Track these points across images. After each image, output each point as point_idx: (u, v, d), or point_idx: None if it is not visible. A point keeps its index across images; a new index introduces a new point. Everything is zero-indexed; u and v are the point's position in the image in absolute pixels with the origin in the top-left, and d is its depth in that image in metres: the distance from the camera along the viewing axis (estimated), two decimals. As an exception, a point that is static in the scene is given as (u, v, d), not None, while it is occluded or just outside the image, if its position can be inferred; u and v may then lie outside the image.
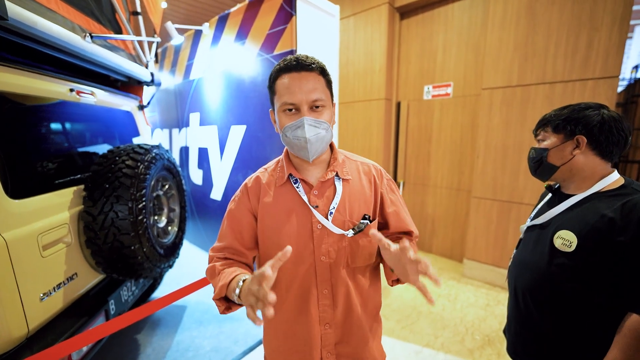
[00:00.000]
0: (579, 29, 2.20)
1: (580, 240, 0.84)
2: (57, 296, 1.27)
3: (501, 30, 2.53)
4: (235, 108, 2.64)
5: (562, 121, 0.91)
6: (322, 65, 0.78)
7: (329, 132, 0.78)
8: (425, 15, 3.24)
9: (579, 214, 0.88)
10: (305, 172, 0.84)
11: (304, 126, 0.74)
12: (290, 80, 0.75)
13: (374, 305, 0.90)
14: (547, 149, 0.94)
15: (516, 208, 2.61)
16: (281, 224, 0.82)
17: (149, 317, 2.36)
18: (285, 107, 0.76)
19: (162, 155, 1.74)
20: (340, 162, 0.85)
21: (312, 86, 0.74)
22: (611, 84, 2.14)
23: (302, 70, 0.74)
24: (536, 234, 0.99)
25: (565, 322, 0.88)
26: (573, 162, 0.91)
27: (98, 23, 1.68)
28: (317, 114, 0.76)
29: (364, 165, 0.89)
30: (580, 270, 0.84)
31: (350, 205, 0.82)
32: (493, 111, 2.64)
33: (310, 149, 0.76)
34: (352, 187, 0.84)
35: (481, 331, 2.20)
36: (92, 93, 1.69)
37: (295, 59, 0.75)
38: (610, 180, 0.88)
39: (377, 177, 0.88)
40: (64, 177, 1.42)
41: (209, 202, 3.16)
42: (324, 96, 0.76)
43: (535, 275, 0.94)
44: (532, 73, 2.42)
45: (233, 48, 2.54)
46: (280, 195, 0.84)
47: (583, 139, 0.88)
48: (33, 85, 1.29)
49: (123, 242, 1.41)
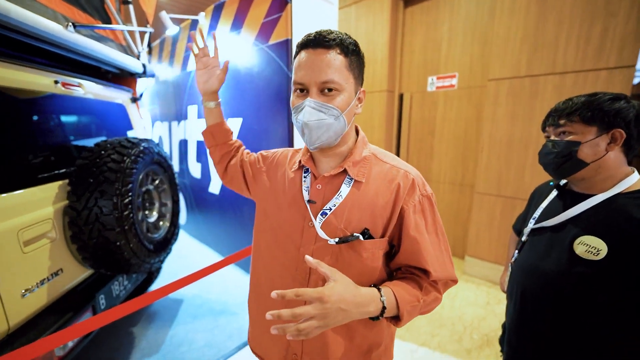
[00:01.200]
0: (594, 15, 2.05)
1: (611, 248, 0.75)
2: (41, 292, 1.26)
3: (510, 19, 2.39)
4: (231, 100, 2.58)
5: (599, 111, 0.79)
6: (347, 42, 0.66)
7: (339, 120, 0.67)
8: (430, 2, 3.10)
9: (605, 217, 0.79)
10: (317, 164, 0.77)
11: (305, 108, 0.65)
12: (303, 57, 0.66)
13: (363, 340, 0.75)
14: (579, 143, 0.82)
15: (521, 205, 2.51)
16: (280, 206, 0.78)
17: (145, 310, 2.37)
18: (295, 86, 0.68)
19: (151, 149, 1.70)
20: (358, 159, 0.73)
21: (325, 65, 0.64)
22: (627, 74, 2.00)
23: (318, 47, 0.64)
24: (547, 238, 0.89)
25: (582, 334, 0.80)
26: (605, 159, 0.80)
27: (83, 12, 1.63)
28: (328, 99, 0.66)
29: (392, 169, 0.73)
30: (609, 281, 0.75)
31: (351, 213, 0.69)
32: (499, 103, 2.52)
33: (309, 135, 0.67)
34: (363, 193, 0.71)
35: (480, 330, 2.14)
36: (79, 85, 1.65)
37: (316, 32, 0.65)
38: (633, 180, 0.79)
39: (404, 188, 0.70)
40: (48, 171, 1.40)
41: (207, 195, 3.14)
42: (338, 78, 0.65)
43: (549, 282, 0.85)
44: (541, 63, 2.29)
45: (229, 38, 2.48)
46: (292, 179, 0.79)
47: (622, 134, 0.78)
48: (12, 77, 1.25)
49: (108, 238, 1.39)
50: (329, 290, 0.56)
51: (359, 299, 0.60)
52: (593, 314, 0.78)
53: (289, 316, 0.53)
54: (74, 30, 1.43)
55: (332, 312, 0.55)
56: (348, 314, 0.58)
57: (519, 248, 1.01)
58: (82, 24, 1.52)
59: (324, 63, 0.64)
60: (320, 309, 0.54)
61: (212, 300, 2.50)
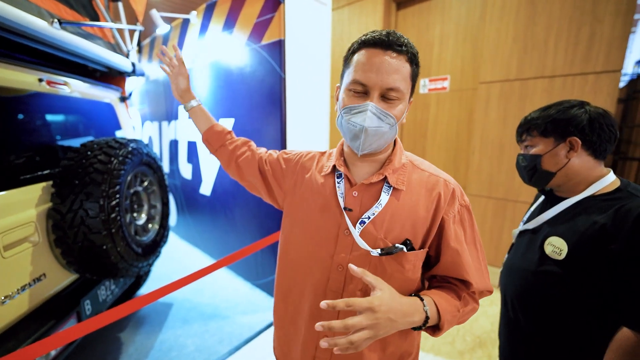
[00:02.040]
0: (581, 20, 2.10)
1: (570, 248, 0.79)
2: (22, 299, 1.20)
3: (500, 22, 2.42)
4: (223, 100, 2.55)
5: (550, 123, 0.85)
6: (414, 51, 0.64)
7: (393, 129, 0.65)
8: (422, 5, 3.12)
9: (570, 219, 0.83)
10: (353, 168, 0.73)
11: (366, 112, 0.61)
12: (370, 57, 0.61)
13: (396, 349, 0.73)
14: (540, 155, 0.87)
15: (511, 206, 2.54)
16: (311, 213, 0.73)
17: (134, 315, 2.31)
18: (353, 85, 0.63)
19: (140, 149, 1.65)
20: (397, 167, 0.70)
21: (393, 71, 0.60)
22: (613, 78, 2.05)
23: (389, 50, 0.61)
24: (527, 239, 0.94)
25: (553, 330, 0.85)
26: (569, 166, 0.84)
27: (70, 9, 1.58)
28: (388, 106, 0.63)
29: (431, 178, 0.70)
30: (571, 279, 0.79)
31: (392, 222, 0.67)
32: (490, 106, 2.55)
33: (364, 140, 0.63)
34: (403, 202, 0.68)
35: (472, 332, 2.15)
36: (65, 83, 1.60)
37: (387, 33, 0.62)
38: (605, 183, 0.82)
39: (445, 197, 0.68)
40: (31, 172, 1.34)
41: (198, 196, 3.09)
42: (403, 87, 0.62)
43: (523, 281, 0.90)
44: (531, 66, 2.33)
45: (221, 38, 2.44)
46: (322, 184, 0.74)
47: (577, 141, 0.82)
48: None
49: (94, 242, 1.34)
50: (378, 300, 0.55)
51: (405, 308, 0.59)
52: (562, 310, 0.82)
53: (341, 327, 0.50)
54: (60, 27, 1.38)
55: (382, 322, 0.54)
56: (396, 324, 0.56)
57: (509, 249, 1.05)
58: (69, 21, 1.47)
59: (393, 68, 0.61)
60: (372, 319, 0.53)
61: (202, 304, 2.45)
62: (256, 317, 2.28)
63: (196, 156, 2.98)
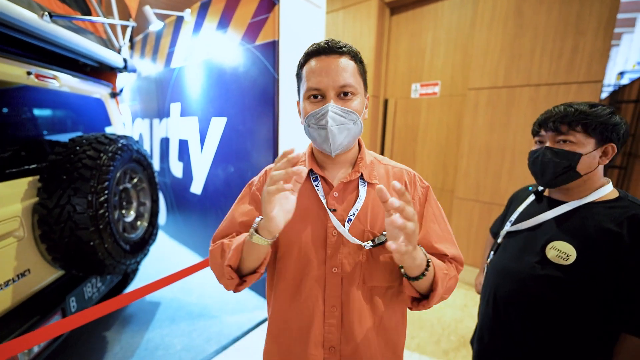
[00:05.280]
0: (566, 31, 2.18)
1: (580, 254, 0.77)
2: (5, 294, 1.18)
3: (489, 30, 2.49)
4: (216, 99, 2.55)
5: (601, 124, 0.78)
6: (356, 51, 0.70)
7: (357, 124, 0.69)
8: (415, 11, 3.19)
9: (577, 224, 0.81)
10: (328, 170, 0.76)
11: (328, 113, 0.65)
12: (317, 64, 0.67)
13: (395, 343, 0.76)
14: (581, 154, 0.80)
15: (497, 210, 2.61)
16: (293, 223, 0.70)
17: (120, 314, 2.28)
18: (309, 93, 0.68)
19: (130, 146, 1.64)
20: (368, 164, 0.76)
21: (341, 70, 0.66)
22: (594, 88, 2.14)
23: (332, 54, 0.67)
24: (521, 240, 0.92)
25: (549, 334, 0.83)
26: (594, 171, 0.81)
27: (61, 2, 1.56)
28: (345, 103, 0.67)
29: (395, 169, 0.78)
30: (575, 285, 0.77)
31: (374, 213, 0.72)
32: (478, 112, 2.62)
33: (333, 141, 0.67)
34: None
35: (457, 332, 2.20)
36: (54, 77, 1.58)
37: (325, 41, 0.68)
38: (607, 191, 0.82)
39: (410, 184, 0.76)
40: (17, 166, 1.32)
41: (189, 195, 3.07)
42: (354, 82, 0.67)
43: (520, 284, 0.87)
44: (517, 75, 2.41)
45: (215, 37, 2.45)
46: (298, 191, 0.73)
47: (614, 148, 0.80)
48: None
49: (81, 238, 1.33)
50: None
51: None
52: (561, 316, 0.80)
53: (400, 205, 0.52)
54: (50, 20, 1.37)
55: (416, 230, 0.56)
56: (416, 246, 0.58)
57: (494, 249, 1.03)
58: (59, 14, 1.46)
59: (340, 67, 0.66)
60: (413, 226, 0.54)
61: (190, 303, 2.44)
62: (244, 317, 2.27)
63: (187, 154, 2.96)
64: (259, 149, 2.24)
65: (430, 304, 0.68)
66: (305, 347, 0.72)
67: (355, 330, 0.71)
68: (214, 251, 0.75)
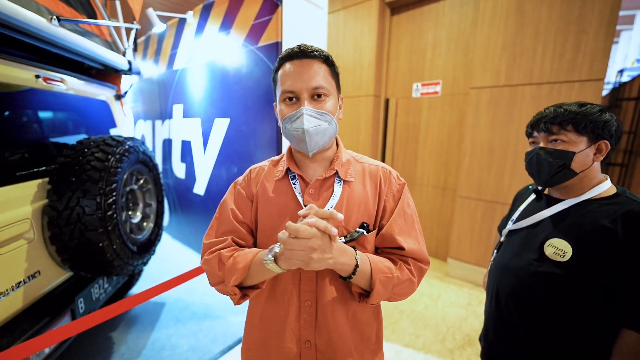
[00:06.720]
0: (567, 30, 2.19)
1: (576, 251, 0.78)
2: (16, 296, 1.20)
3: (490, 29, 2.51)
4: (219, 100, 2.56)
5: (591, 122, 0.80)
6: (327, 55, 0.74)
7: (332, 124, 0.73)
8: (415, 11, 3.20)
9: (573, 221, 0.82)
10: (305, 169, 0.79)
11: (303, 115, 0.69)
12: (290, 67, 0.71)
13: (368, 336, 0.79)
14: (574, 153, 0.82)
15: (500, 208, 2.62)
16: (272, 220, 0.76)
17: (125, 315, 2.29)
18: (284, 95, 0.72)
19: (137, 147, 1.66)
20: (344, 162, 0.79)
21: (313, 73, 0.70)
22: (597, 86, 2.15)
23: (304, 58, 0.71)
24: (521, 238, 0.94)
25: (550, 331, 0.84)
26: (590, 168, 0.83)
27: (68, 5, 1.58)
28: (319, 104, 0.71)
29: (372, 167, 0.81)
30: (572, 281, 0.79)
31: (348, 210, 0.74)
32: (480, 111, 2.63)
33: (309, 141, 0.71)
34: (353, 191, 0.76)
35: (462, 331, 2.21)
36: (61, 80, 1.60)
37: (297, 46, 0.72)
38: (604, 188, 0.83)
39: (384, 181, 0.78)
40: (27, 169, 1.34)
41: (192, 196, 3.08)
42: (326, 84, 0.72)
43: (520, 281, 0.89)
44: (519, 73, 2.42)
45: (217, 38, 2.46)
46: (277, 189, 0.78)
47: (608, 145, 0.81)
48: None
49: (90, 239, 1.34)
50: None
51: (341, 246, 0.66)
52: (560, 312, 0.82)
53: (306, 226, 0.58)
54: (58, 24, 1.38)
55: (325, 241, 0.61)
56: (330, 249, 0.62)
57: (497, 248, 1.05)
58: (67, 18, 1.47)
59: (312, 71, 0.70)
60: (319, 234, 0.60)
61: (195, 304, 2.45)
62: (250, 317, 2.29)
63: (190, 155, 2.97)
64: (262, 150, 2.25)
65: (370, 302, 0.71)
66: (282, 342, 0.75)
67: (329, 325, 0.74)
68: (211, 261, 0.75)
